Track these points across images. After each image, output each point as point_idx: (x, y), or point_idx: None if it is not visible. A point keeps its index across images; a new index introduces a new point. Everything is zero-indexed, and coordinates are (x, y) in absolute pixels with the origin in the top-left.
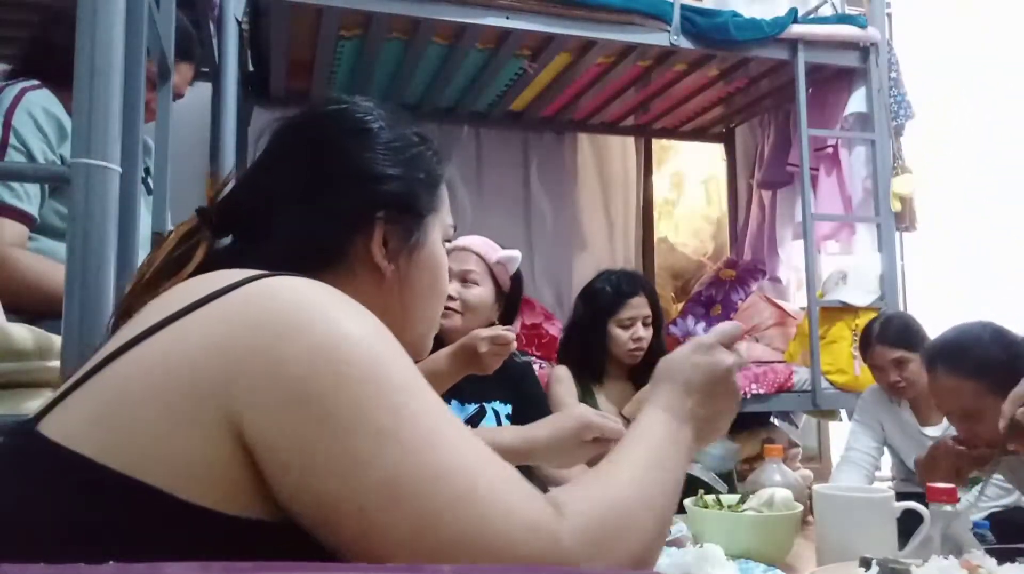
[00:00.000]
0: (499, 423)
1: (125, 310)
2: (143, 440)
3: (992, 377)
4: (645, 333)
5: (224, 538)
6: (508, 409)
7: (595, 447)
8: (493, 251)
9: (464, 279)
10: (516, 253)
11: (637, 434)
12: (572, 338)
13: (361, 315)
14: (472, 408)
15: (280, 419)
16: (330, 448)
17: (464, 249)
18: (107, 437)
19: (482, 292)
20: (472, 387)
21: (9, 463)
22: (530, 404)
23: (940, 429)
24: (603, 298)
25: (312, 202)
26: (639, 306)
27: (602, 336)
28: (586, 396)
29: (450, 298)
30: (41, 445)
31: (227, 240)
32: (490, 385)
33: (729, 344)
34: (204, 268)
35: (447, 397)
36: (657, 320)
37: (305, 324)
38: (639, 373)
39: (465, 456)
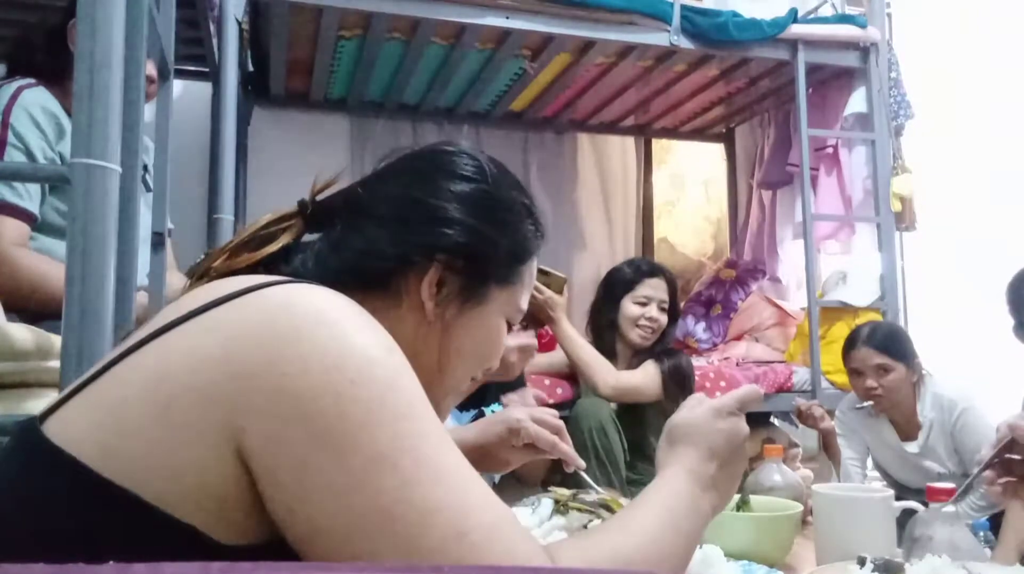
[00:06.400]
0: None
1: (201, 274)
2: (140, 448)
3: None
4: (659, 316)
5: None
6: None
7: (527, 453)
8: None
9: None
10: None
11: (658, 492)
12: (590, 316)
13: (375, 332)
14: (469, 416)
15: (280, 435)
16: (326, 469)
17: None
18: (105, 443)
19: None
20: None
21: (13, 463)
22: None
23: (918, 445)
24: (621, 275)
25: (386, 223)
26: (657, 288)
27: (614, 313)
28: None
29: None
30: (43, 446)
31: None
32: (489, 389)
33: (746, 409)
34: (283, 252)
35: None
36: (674, 311)
37: (314, 337)
38: (644, 359)
39: (463, 494)
